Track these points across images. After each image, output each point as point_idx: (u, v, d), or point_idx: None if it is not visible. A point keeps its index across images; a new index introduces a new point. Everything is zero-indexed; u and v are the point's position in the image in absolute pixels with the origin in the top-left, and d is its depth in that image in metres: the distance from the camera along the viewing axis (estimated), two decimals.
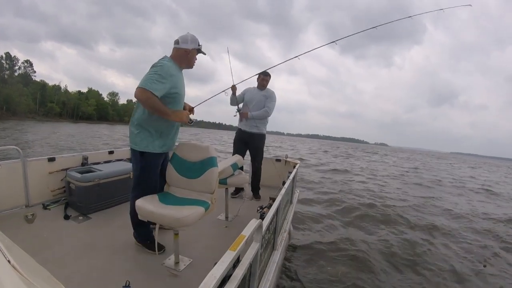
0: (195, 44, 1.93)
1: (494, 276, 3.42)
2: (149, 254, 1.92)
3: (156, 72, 1.73)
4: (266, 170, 4.02)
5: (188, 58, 1.94)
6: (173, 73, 1.81)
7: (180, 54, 1.91)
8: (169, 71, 1.78)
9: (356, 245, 3.89)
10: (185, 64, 1.97)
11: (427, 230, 4.88)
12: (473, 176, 19.03)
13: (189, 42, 1.90)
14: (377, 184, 9.70)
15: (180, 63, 1.93)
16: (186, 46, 1.90)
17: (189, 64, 1.99)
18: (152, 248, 1.88)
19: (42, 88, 62.44)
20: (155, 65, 1.80)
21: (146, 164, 1.90)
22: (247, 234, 0.98)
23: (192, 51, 1.93)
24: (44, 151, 11.10)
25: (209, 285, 0.70)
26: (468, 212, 6.67)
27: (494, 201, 8.95)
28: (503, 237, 4.92)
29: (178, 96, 1.89)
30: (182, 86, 1.94)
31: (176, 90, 1.84)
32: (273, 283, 1.67)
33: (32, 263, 0.79)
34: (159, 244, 1.89)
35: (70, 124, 47.35)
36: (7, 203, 2.35)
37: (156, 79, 1.70)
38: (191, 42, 1.91)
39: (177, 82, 1.85)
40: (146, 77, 1.73)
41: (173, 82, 1.81)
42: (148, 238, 1.99)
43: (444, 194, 9.32)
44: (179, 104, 1.94)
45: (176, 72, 1.86)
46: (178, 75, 1.89)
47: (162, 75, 1.73)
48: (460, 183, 13.11)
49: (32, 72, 66.95)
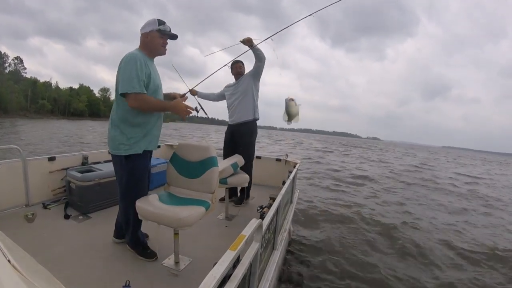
0: (154, 25, 1.74)
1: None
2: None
3: (128, 69, 1.62)
4: (266, 170, 4.03)
5: (150, 43, 1.77)
6: (143, 63, 1.68)
7: (142, 41, 1.78)
8: (142, 62, 1.67)
9: (357, 244, 3.89)
10: (149, 50, 1.79)
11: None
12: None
13: (146, 26, 1.76)
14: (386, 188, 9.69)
15: (144, 49, 1.78)
16: (143, 30, 1.76)
17: (155, 49, 1.80)
18: (145, 255, 1.86)
19: (33, 85, 61.20)
20: (122, 61, 1.68)
21: (133, 168, 1.79)
22: (247, 234, 0.98)
23: (151, 33, 1.74)
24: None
25: (209, 285, 0.70)
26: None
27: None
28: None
29: (154, 90, 1.76)
30: (156, 77, 1.80)
31: (149, 81, 1.72)
32: (273, 282, 1.67)
33: (32, 263, 0.79)
34: (151, 251, 1.88)
35: (67, 122, 46.18)
36: (7, 202, 2.36)
37: (133, 76, 1.61)
38: (148, 25, 1.75)
39: (150, 73, 1.72)
40: (122, 77, 1.63)
41: (147, 73, 1.70)
42: (141, 244, 1.92)
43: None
44: (158, 97, 1.81)
45: (144, 60, 1.71)
46: (151, 65, 1.78)
47: (134, 69, 1.62)
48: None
49: (23, 69, 66.43)
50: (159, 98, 1.83)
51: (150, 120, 1.81)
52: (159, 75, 1.88)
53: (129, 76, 1.61)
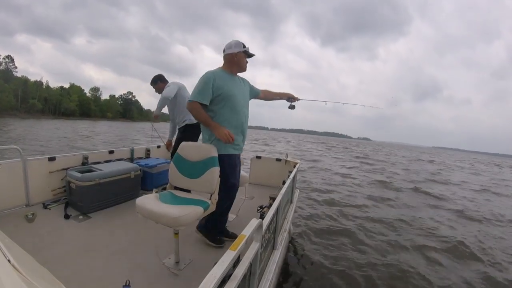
0: (240, 48, 2.06)
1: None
2: (149, 254, 1.91)
3: (198, 83, 1.98)
4: (266, 170, 4.03)
5: (237, 62, 2.08)
6: (216, 77, 1.97)
7: (228, 59, 2.08)
8: (211, 76, 1.96)
9: (358, 243, 3.89)
10: (235, 67, 2.11)
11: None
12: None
13: (233, 47, 2.05)
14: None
15: (230, 68, 2.09)
16: (231, 51, 2.05)
17: (239, 66, 2.12)
18: (215, 241, 2.14)
19: (23, 84, 60.12)
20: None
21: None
22: (247, 233, 0.98)
23: (239, 54, 2.06)
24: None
25: (209, 285, 0.70)
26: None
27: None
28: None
29: (225, 97, 1.99)
30: (231, 88, 2.04)
31: (219, 91, 1.97)
32: (273, 282, 1.67)
33: (32, 263, 0.79)
34: (221, 238, 2.18)
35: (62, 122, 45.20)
36: (8, 202, 2.36)
37: (196, 89, 1.96)
38: (235, 47, 2.05)
39: (222, 85, 1.98)
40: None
41: (217, 85, 1.96)
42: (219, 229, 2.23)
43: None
44: (227, 105, 2.01)
45: (222, 76, 2.01)
46: (226, 78, 2.03)
47: (201, 82, 1.95)
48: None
49: (14, 68, 65.39)
50: (233, 107, 2.04)
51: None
52: (241, 87, 2.17)
53: (195, 89, 1.97)
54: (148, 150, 3.95)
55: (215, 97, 1.97)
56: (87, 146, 12.97)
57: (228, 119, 2.02)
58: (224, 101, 1.99)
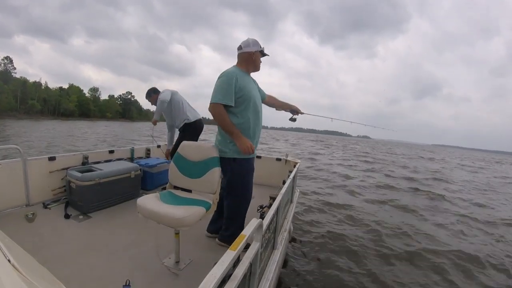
0: (258, 47, 2.00)
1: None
2: (149, 254, 1.91)
3: (220, 83, 1.86)
4: (266, 170, 4.03)
5: (254, 61, 2.02)
6: (238, 77, 1.88)
7: (245, 58, 2.01)
8: (233, 76, 1.86)
9: (359, 243, 3.89)
10: (252, 67, 2.05)
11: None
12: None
13: (251, 45, 1.99)
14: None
15: (246, 67, 2.03)
16: (249, 49, 1.98)
17: (255, 66, 2.06)
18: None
19: (23, 85, 60.15)
20: (219, 76, 1.90)
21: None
22: (247, 233, 0.98)
23: (256, 53, 2.00)
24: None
25: (209, 285, 0.69)
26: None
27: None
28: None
29: (247, 98, 1.92)
30: (250, 89, 1.97)
31: (241, 92, 1.89)
32: (273, 282, 1.67)
33: (32, 262, 0.79)
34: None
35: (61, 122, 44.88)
36: (8, 202, 2.36)
37: (219, 90, 1.85)
38: (253, 45, 1.99)
39: (243, 85, 1.91)
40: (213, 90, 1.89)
41: (239, 85, 1.88)
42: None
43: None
44: (250, 106, 1.95)
45: (241, 75, 1.93)
46: (244, 78, 1.96)
47: (224, 82, 1.85)
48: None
49: (12, 69, 65.26)
50: (251, 108, 1.96)
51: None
52: (256, 87, 2.11)
53: (216, 90, 1.87)
54: (148, 150, 3.95)
55: (237, 98, 1.89)
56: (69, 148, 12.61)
57: (253, 121, 1.97)
58: (245, 103, 1.92)
